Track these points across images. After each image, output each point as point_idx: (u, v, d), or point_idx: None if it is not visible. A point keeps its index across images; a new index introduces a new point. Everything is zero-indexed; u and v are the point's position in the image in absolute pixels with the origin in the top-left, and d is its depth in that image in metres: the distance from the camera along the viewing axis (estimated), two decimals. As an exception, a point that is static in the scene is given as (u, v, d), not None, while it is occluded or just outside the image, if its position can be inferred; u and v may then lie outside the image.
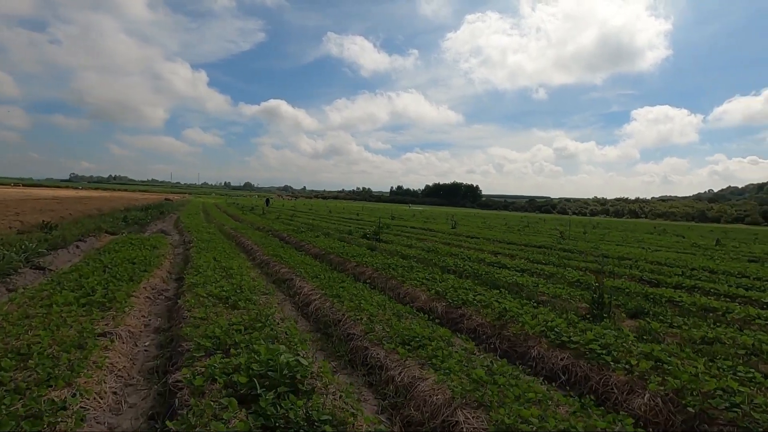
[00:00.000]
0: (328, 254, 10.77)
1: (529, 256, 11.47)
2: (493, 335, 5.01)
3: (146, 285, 6.18)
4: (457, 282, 7.06)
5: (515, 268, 8.96)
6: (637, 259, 11.63)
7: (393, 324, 4.69)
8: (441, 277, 7.50)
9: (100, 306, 4.62)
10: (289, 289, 7.17)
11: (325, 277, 7.35)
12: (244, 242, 13.02)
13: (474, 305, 5.77)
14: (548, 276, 8.33)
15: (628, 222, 72.22)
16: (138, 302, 5.28)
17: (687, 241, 21.48)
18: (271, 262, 9.38)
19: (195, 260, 8.12)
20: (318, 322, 5.38)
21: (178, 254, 10.74)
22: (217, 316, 4.67)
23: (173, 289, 6.88)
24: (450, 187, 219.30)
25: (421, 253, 10.83)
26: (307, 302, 6.08)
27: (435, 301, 6.25)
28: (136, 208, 23.37)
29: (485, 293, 6.36)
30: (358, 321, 4.83)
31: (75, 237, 9.98)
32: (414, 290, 6.89)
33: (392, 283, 7.54)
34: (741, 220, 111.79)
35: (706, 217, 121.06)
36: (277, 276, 8.13)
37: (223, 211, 33.12)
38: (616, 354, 3.93)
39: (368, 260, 9.23)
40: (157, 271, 7.22)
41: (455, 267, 8.82)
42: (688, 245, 18.84)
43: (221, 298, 5.34)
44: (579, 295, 6.49)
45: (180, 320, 4.66)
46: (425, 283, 7.10)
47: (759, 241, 25.83)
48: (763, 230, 56.51)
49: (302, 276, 7.49)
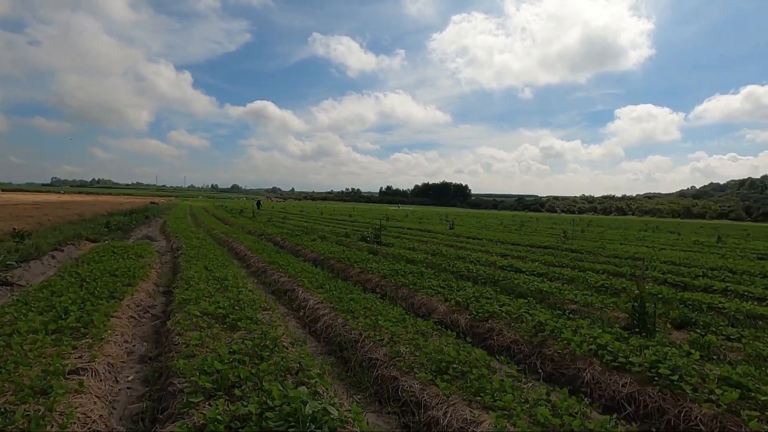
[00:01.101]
0: (328, 259, 10.08)
1: (539, 257, 10.93)
2: (531, 354, 4.40)
3: (130, 301, 5.44)
4: (476, 290, 6.45)
5: (531, 272, 8.39)
6: (649, 258, 11.18)
7: (420, 344, 4.05)
8: (457, 285, 6.88)
9: (74, 332, 3.88)
10: (291, 302, 6.48)
11: (330, 286, 6.68)
12: (236, 248, 12.25)
13: (502, 318, 5.16)
14: (568, 280, 7.77)
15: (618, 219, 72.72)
16: (120, 324, 4.54)
17: (687, 239, 21.27)
18: (268, 269, 8.66)
19: (185, 270, 7.37)
20: (330, 342, 4.71)
21: (165, 262, 9.93)
22: (214, 340, 3.98)
23: (161, 304, 6.13)
24: (439, 187, 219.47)
25: (427, 256, 10.21)
26: (314, 318, 5.39)
27: (456, 313, 5.63)
28: (119, 213, 22.30)
29: (510, 303, 5.76)
30: (379, 342, 4.17)
31: (51, 246, 9.11)
32: (430, 300, 6.25)
33: (404, 291, 6.90)
34: (725, 216, 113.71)
35: (691, 213, 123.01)
36: (277, 286, 7.43)
37: (211, 215, 32.09)
38: (689, 378, 3.35)
39: (373, 266, 8.58)
40: (142, 284, 6.47)
41: (468, 272, 8.21)
42: (689, 243, 18.57)
43: (217, 317, 4.64)
44: (612, 303, 5.93)
45: (170, 346, 3.95)
46: (441, 291, 6.48)
47: (753, 238, 25.83)
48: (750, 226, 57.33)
49: (305, 286, 6.80)
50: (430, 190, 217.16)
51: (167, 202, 61.33)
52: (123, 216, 20.10)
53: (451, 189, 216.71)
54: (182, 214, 29.57)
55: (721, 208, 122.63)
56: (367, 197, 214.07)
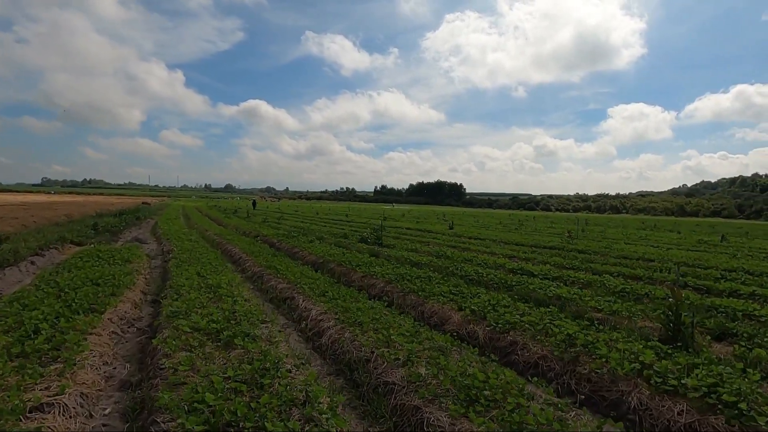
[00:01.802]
0: (328, 262, 9.58)
1: (547, 259, 10.50)
2: (563, 372, 3.93)
3: (113, 314, 4.90)
4: (491, 297, 5.98)
5: (544, 276, 7.95)
6: (661, 259, 10.80)
7: (441, 364, 3.57)
8: (469, 291, 6.41)
9: (43, 356, 3.35)
10: (291, 312, 5.97)
11: (333, 294, 6.18)
12: (230, 250, 11.69)
13: (525, 329, 4.69)
14: (585, 284, 7.33)
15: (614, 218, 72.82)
16: (99, 342, 4.01)
17: (689, 238, 20.99)
18: (265, 274, 8.13)
19: (175, 277, 6.83)
20: (337, 360, 4.21)
21: (155, 267, 9.37)
22: (206, 362, 3.48)
23: (148, 316, 5.60)
24: (434, 186, 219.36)
25: (432, 259, 9.73)
26: (318, 331, 4.89)
27: (473, 324, 5.16)
28: (109, 214, 21.59)
29: (531, 311, 5.31)
30: (395, 362, 3.68)
31: (31, 251, 8.51)
32: (442, 308, 5.77)
33: (412, 299, 6.41)
34: (718, 214, 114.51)
35: (684, 211, 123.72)
36: (275, 293, 6.91)
37: (204, 215, 31.41)
38: (757, 407, 2.90)
39: (377, 270, 8.09)
40: (128, 293, 5.92)
41: (477, 276, 7.75)
42: (693, 242, 18.27)
43: (210, 333, 4.13)
44: (639, 311, 5.48)
45: (155, 371, 3.44)
46: (453, 298, 6.00)
47: (752, 236, 25.65)
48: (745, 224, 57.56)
49: (306, 294, 6.29)
50: (424, 189, 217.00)
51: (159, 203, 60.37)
52: (112, 217, 19.42)
53: (445, 188, 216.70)
54: (174, 214, 28.87)
55: (713, 206, 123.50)
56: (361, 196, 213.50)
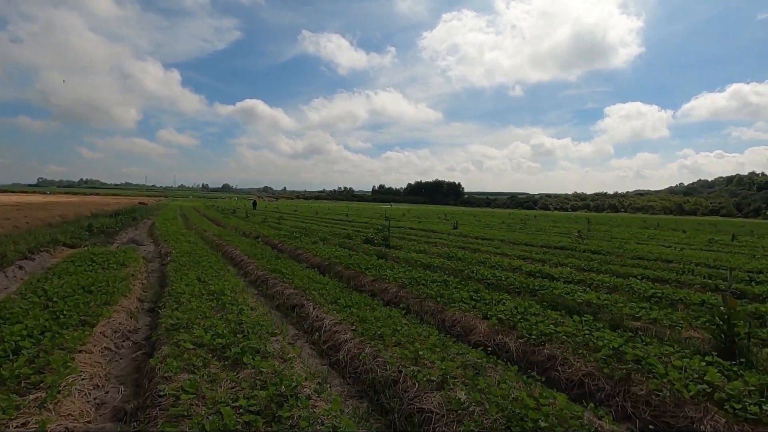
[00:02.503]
0: (334, 265, 9.12)
1: (562, 260, 10.07)
2: (614, 393, 3.48)
3: (106, 326, 4.43)
4: (517, 303, 5.53)
5: (566, 279, 7.51)
6: (679, 260, 10.39)
7: (480, 386, 3.12)
8: (490, 296, 5.96)
9: (22, 382, 2.88)
10: (301, 321, 5.50)
11: (345, 301, 5.72)
12: (231, 252, 11.21)
13: (562, 341, 4.25)
14: (612, 289, 6.90)
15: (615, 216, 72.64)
16: (90, 362, 3.54)
17: (698, 237, 20.63)
18: (269, 279, 7.66)
19: (174, 282, 6.36)
20: (359, 380, 3.74)
21: (153, 271, 8.88)
22: (212, 385, 3.02)
23: (145, 327, 5.12)
24: (432, 185, 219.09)
25: (444, 261, 9.28)
26: (334, 345, 4.42)
27: (501, 334, 4.71)
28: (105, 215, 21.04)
29: (564, 320, 4.87)
30: (428, 384, 3.23)
31: (19, 254, 8.00)
32: (465, 316, 5.32)
33: (429, 305, 5.96)
34: (716, 212, 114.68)
35: (683, 210, 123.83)
36: (282, 300, 6.44)
37: (202, 215, 30.87)
38: None
39: (387, 273, 7.63)
40: (123, 302, 5.44)
41: (495, 280, 7.30)
42: (704, 241, 17.90)
43: (215, 349, 3.67)
44: (681, 319, 5.05)
45: (153, 398, 2.97)
46: (476, 305, 5.56)
47: (758, 235, 25.33)
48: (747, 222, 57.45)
49: (316, 300, 5.83)
50: (423, 189, 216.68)
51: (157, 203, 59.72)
52: (108, 218, 18.87)
53: (444, 187, 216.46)
54: (172, 215, 28.32)
55: (712, 204, 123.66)
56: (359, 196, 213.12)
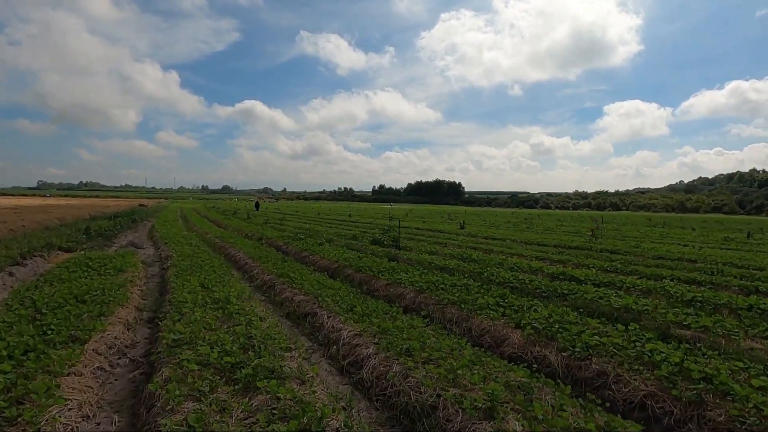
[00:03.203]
0: (344, 268, 8.65)
1: (580, 261, 9.60)
2: (686, 419, 3.01)
3: (99, 341, 3.96)
4: (551, 310, 5.06)
5: (593, 282, 7.03)
6: (703, 259, 9.92)
7: (535, 413, 2.66)
8: (518, 302, 5.49)
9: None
10: (314, 331, 5.03)
11: (362, 308, 5.25)
12: (235, 255, 10.74)
13: (611, 354, 3.78)
14: (645, 292, 6.43)
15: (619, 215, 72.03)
16: (80, 386, 3.07)
17: (712, 235, 20.16)
18: (276, 284, 7.19)
19: (175, 290, 5.89)
20: (389, 404, 3.27)
21: (152, 276, 8.41)
22: (221, 417, 2.55)
23: (144, 340, 4.64)
24: (432, 185, 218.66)
25: (459, 263, 8.80)
26: (355, 361, 3.95)
27: (539, 346, 4.23)
28: (103, 217, 20.57)
29: (608, 330, 4.40)
30: (474, 411, 2.76)
31: (10, 260, 7.52)
32: (494, 325, 4.85)
33: (452, 312, 5.49)
34: (719, 210, 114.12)
35: (685, 207, 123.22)
36: (291, 307, 5.96)
37: (203, 217, 30.40)
38: None
39: (402, 277, 7.17)
40: (120, 312, 4.97)
41: (518, 283, 6.83)
42: (719, 239, 17.43)
43: (223, 370, 3.20)
44: (736, 327, 4.58)
45: None
46: (505, 312, 5.09)
47: None
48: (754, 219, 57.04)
49: (329, 308, 5.36)
50: (423, 189, 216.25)
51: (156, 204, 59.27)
52: (107, 220, 18.39)
53: (444, 187, 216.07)
54: (172, 216, 27.86)
55: (714, 202, 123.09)
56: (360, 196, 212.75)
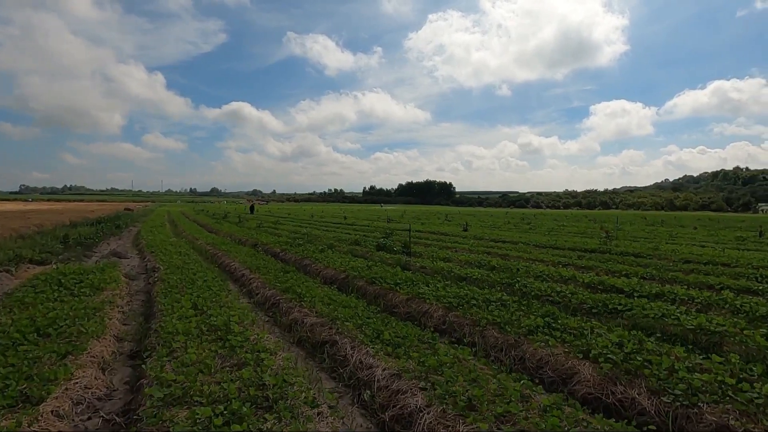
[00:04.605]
0: (353, 279, 7.75)
1: (610, 266, 8.83)
2: None
3: (63, 396, 3.01)
4: (621, 334, 4.22)
5: (640, 293, 6.22)
6: (737, 263, 9.23)
7: None
8: (573, 322, 4.65)
9: None
10: (336, 365, 4.11)
11: (390, 334, 4.36)
12: (229, 265, 9.75)
13: (724, 399, 2.95)
14: (705, 306, 5.65)
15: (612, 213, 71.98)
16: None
17: (724, 234, 19.67)
18: (281, 301, 6.25)
19: (164, 314, 4.92)
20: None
21: (137, 292, 7.41)
22: None
23: (124, 388, 3.68)
24: (423, 186, 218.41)
25: (482, 272, 7.94)
26: (400, 415, 3.05)
27: (621, 385, 3.39)
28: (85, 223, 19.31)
29: (701, 361, 3.57)
30: None
31: (-33, 278, 6.49)
32: (553, 354, 3.99)
33: (493, 335, 4.63)
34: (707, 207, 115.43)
35: (674, 205, 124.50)
36: (303, 332, 5.02)
37: (192, 221, 29.16)
38: None
39: (424, 290, 6.30)
40: (94, 346, 4.01)
41: (559, 296, 6.00)
42: (732, 238, 16.92)
43: (232, 447, 2.28)
44: None
45: None
46: (563, 338, 4.25)
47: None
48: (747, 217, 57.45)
49: (351, 334, 4.45)
50: (414, 189, 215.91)
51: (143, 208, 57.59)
52: (88, 226, 17.19)
53: (435, 187, 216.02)
54: (160, 221, 26.61)
55: (702, 200, 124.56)
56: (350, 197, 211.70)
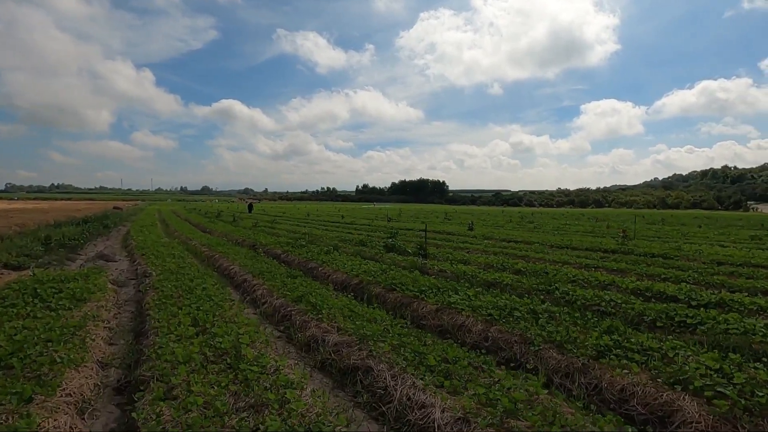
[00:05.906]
0: (368, 285, 6.99)
1: (643, 269, 8.17)
2: None
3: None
4: (712, 357, 3.51)
5: (699, 302, 5.53)
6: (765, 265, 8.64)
7: None
8: (647, 341, 3.93)
9: None
10: (374, 399, 3.33)
11: (435, 358, 3.60)
12: (228, 269, 8.91)
13: None
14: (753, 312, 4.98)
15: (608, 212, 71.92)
16: None
17: (736, 233, 19.23)
18: (293, 312, 5.45)
19: (158, 332, 4.10)
20: None
21: (126, 302, 6.55)
22: None
23: None
24: (417, 184, 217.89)
25: (515, 278, 7.20)
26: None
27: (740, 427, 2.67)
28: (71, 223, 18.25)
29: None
30: None
31: (-74, 288, 5.57)
32: (641, 384, 3.27)
33: (553, 356, 3.90)
34: (698, 205, 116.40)
35: (665, 204, 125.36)
36: (325, 353, 4.24)
37: (184, 220, 28.10)
38: None
39: (456, 299, 5.56)
40: (71, 379, 3.19)
41: (610, 307, 5.29)
42: (745, 237, 16.47)
43: None
44: None
45: None
46: (646, 362, 3.52)
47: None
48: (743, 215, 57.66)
49: (388, 359, 3.68)
50: (407, 187, 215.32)
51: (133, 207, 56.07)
52: (74, 226, 16.17)
53: (428, 186, 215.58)
54: (150, 220, 25.53)
55: (693, 198, 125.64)
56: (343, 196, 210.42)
